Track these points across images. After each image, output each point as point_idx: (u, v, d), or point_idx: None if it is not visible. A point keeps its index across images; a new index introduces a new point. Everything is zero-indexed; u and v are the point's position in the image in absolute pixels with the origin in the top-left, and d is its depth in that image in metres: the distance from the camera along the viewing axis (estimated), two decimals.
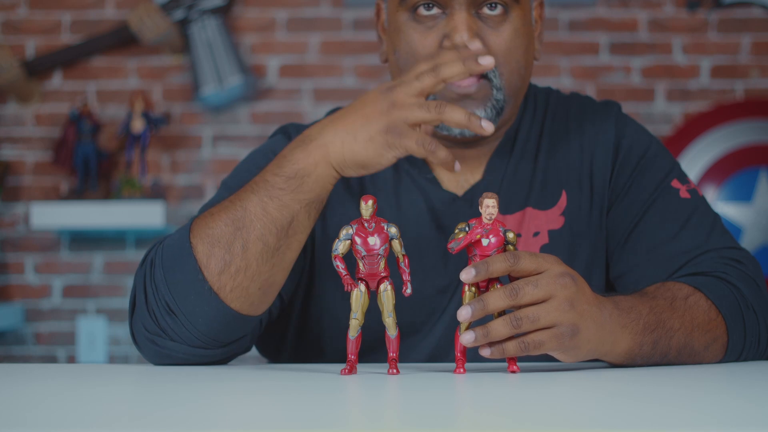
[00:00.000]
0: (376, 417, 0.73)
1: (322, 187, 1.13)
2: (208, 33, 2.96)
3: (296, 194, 1.12)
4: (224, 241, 1.11)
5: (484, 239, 1.00)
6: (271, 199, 1.11)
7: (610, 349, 1.06)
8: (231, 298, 1.11)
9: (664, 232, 1.27)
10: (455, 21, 1.21)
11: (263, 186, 1.13)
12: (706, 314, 1.15)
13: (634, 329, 1.07)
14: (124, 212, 2.81)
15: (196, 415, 0.74)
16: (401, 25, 1.25)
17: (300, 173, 1.12)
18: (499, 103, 1.25)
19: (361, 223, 1.00)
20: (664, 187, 1.30)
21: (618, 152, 1.32)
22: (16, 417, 0.72)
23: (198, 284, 1.10)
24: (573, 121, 1.35)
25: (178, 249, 1.12)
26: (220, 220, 1.12)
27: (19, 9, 3.02)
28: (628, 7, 3.03)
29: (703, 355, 1.14)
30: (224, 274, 1.10)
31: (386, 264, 1.00)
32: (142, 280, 1.14)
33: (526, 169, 1.32)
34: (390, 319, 1.00)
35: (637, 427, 0.66)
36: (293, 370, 1.11)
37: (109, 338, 2.97)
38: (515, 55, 1.24)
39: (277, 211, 1.11)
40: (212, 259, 1.10)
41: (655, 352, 1.10)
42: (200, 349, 1.13)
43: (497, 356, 0.99)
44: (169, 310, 1.11)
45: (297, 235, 1.13)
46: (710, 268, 1.21)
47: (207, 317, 1.11)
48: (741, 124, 2.99)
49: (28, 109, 3.01)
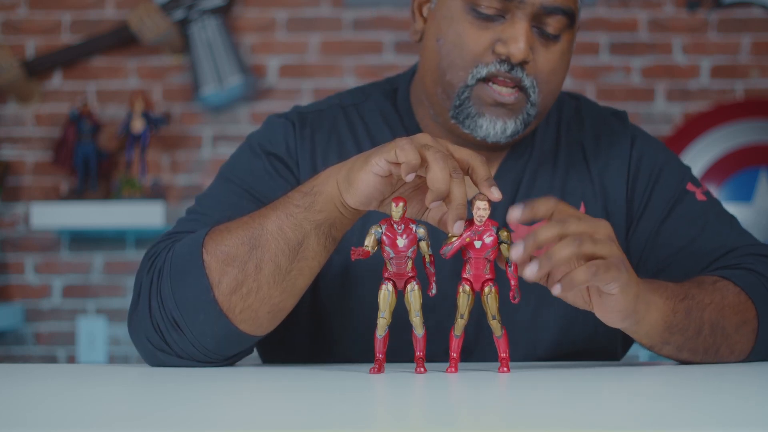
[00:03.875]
0: (405, 416, 0.73)
1: (331, 209, 1.08)
2: (208, 33, 2.96)
3: (308, 213, 1.08)
4: (239, 260, 1.08)
5: (477, 241, 1.00)
6: (287, 218, 1.08)
7: (645, 312, 1.06)
8: (240, 319, 1.09)
9: (686, 236, 1.28)
10: (516, 30, 1.19)
11: (283, 202, 1.10)
12: (735, 297, 1.16)
13: (663, 294, 1.08)
14: (124, 212, 2.81)
15: (201, 415, 0.74)
16: (455, 14, 1.23)
17: (314, 190, 1.08)
18: (530, 117, 1.24)
19: (390, 223, 0.99)
20: (680, 192, 1.31)
21: (633, 167, 1.32)
22: (16, 417, 0.72)
23: (207, 304, 1.08)
24: (589, 135, 1.34)
25: (188, 263, 1.10)
26: (237, 237, 1.09)
27: (19, 9, 3.02)
28: (628, 7, 3.02)
29: (735, 338, 1.14)
30: (235, 295, 1.08)
31: (413, 264, 1.00)
32: (148, 290, 1.12)
33: (545, 178, 1.31)
34: (417, 318, 1.00)
35: (636, 427, 0.66)
36: (317, 369, 1.11)
37: (109, 338, 2.97)
38: (557, 77, 1.25)
39: (290, 230, 1.08)
40: (224, 278, 1.08)
41: (689, 323, 1.10)
42: (203, 363, 1.13)
43: (567, 290, 0.96)
44: (176, 326, 1.09)
45: (308, 260, 1.09)
46: (736, 262, 1.23)
47: (215, 337, 1.10)
48: (741, 124, 2.99)
49: (28, 109, 3.01)
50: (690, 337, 1.11)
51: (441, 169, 0.97)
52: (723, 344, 1.14)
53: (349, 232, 1.27)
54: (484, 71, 1.21)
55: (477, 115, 1.23)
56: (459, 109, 1.24)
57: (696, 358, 1.14)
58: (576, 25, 1.26)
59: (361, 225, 1.26)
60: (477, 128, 1.24)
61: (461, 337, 1.02)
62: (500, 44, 1.21)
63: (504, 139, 1.24)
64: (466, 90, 1.23)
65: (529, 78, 1.22)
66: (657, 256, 1.29)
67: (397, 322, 1.03)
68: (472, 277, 1.01)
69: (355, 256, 0.98)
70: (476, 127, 1.24)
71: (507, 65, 1.20)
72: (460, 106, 1.23)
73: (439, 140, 1.03)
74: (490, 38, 1.21)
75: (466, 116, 1.24)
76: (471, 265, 1.00)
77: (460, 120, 1.24)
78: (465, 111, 1.23)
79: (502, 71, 1.21)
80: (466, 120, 1.24)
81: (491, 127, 1.23)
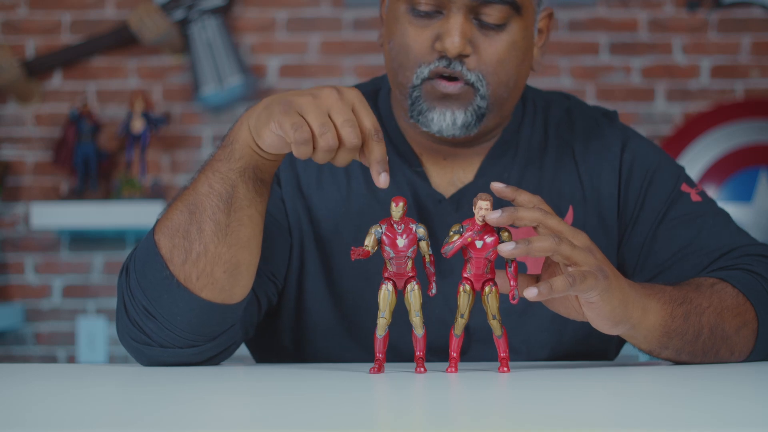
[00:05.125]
0: (405, 416, 0.73)
1: (250, 154, 1.10)
2: (208, 33, 2.96)
3: (230, 162, 1.10)
4: (182, 229, 1.10)
5: (478, 241, 1.00)
6: (213, 174, 1.10)
7: (642, 317, 1.06)
8: (199, 287, 1.09)
9: (683, 239, 1.28)
10: (450, 24, 1.20)
11: (210, 162, 1.13)
12: (734, 299, 1.15)
13: (661, 299, 1.08)
14: (124, 212, 2.81)
15: (201, 414, 0.74)
16: (399, 16, 1.24)
17: (231, 139, 1.11)
18: (481, 109, 1.23)
19: (390, 223, 0.99)
20: (675, 193, 1.31)
21: (625, 169, 1.32)
22: (16, 417, 0.72)
23: (166, 281, 1.09)
24: (579, 137, 1.33)
25: (146, 250, 1.12)
26: (177, 208, 1.11)
27: (19, 9, 3.02)
28: (628, 7, 3.02)
29: (735, 340, 1.14)
30: (187, 263, 1.09)
31: (413, 264, 1.00)
32: (122, 290, 1.14)
33: (532, 179, 1.31)
34: (417, 318, 1.00)
35: (636, 427, 0.66)
36: (317, 369, 1.11)
37: (109, 338, 2.97)
38: (506, 67, 1.23)
39: (219, 184, 1.10)
40: (174, 251, 1.10)
41: (688, 327, 1.10)
42: (189, 349, 1.12)
43: (545, 295, 0.98)
44: (148, 313, 1.10)
45: (244, 209, 1.10)
46: (734, 263, 1.22)
47: (183, 313, 1.10)
48: (741, 124, 2.99)
49: (28, 109, 3.01)
50: (689, 341, 1.11)
51: (351, 134, 1.01)
52: (722, 347, 1.14)
53: (349, 231, 1.27)
54: (426, 71, 1.22)
55: (428, 110, 1.23)
56: (413, 108, 1.25)
57: (695, 360, 1.14)
58: (530, 11, 1.25)
59: (361, 225, 1.27)
60: (430, 123, 1.24)
61: (461, 337, 1.02)
62: (438, 41, 1.21)
63: (459, 132, 1.24)
64: (414, 89, 1.23)
65: (472, 73, 1.21)
66: (654, 259, 1.29)
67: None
68: (473, 277, 1.01)
69: (355, 255, 0.98)
70: (429, 122, 1.24)
71: (446, 60, 1.21)
72: (413, 104, 1.24)
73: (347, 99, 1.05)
74: (429, 36, 1.22)
75: (419, 113, 1.24)
76: (471, 264, 1.00)
77: (415, 118, 1.25)
78: (417, 108, 1.24)
79: (440, 68, 1.21)
80: (420, 117, 1.24)
81: (442, 120, 1.23)
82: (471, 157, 1.31)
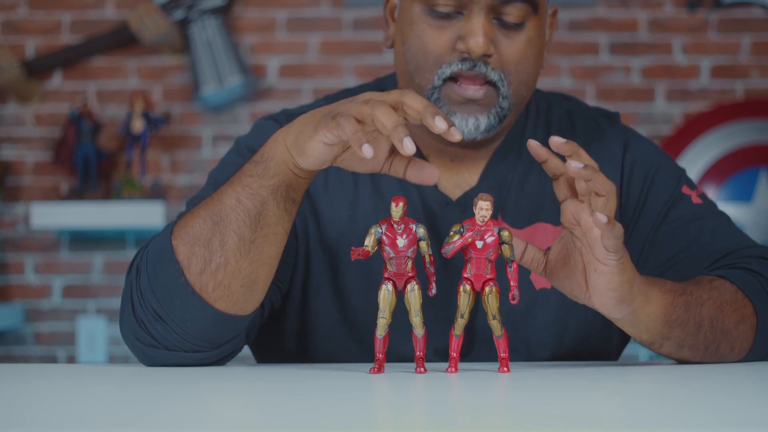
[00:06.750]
0: (405, 416, 0.73)
1: (285, 172, 1.08)
2: (208, 33, 2.96)
3: (263, 180, 1.08)
4: (203, 238, 1.09)
5: (478, 241, 1.00)
6: (243, 189, 1.09)
7: (644, 303, 1.06)
8: (214, 297, 1.09)
9: (683, 241, 1.28)
10: (472, 24, 1.19)
11: (238, 176, 1.11)
12: (732, 294, 1.16)
13: (662, 288, 1.09)
14: (124, 212, 2.81)
15: (201, 414, 0.74)
16: (415, 18, 1.23)
17: (265, 156, 1.09)
18: (503, 111, 1.23)
19: (389, 223, 0.99)
20: (676, 195, 1.31)
21: (626, 170, 1.32)
22: (16, 417, 0.72)
23: (181, 287, 1.08)
24: (579, 138, 1.33)
25: (160, 253, 1.11)
26: (200, 217, 1.10)
27: (19, 9, 3.02)
28: (628, 7, 3.02)
29: (735, 335, 1.15)
30: (205, 273, 1.08)
31: (413, 264, 1.00)
32: (130, 290, 1.13)
33: (535, 180, 1.31)
34: (417, 318, 1.00)
35: (636, 427, 0.66)
36: (317, 369, 1.11)
37: (109, 338, 2.97)
38: (526, 66, 1.23)
39: (248, 200, 1.09)
40: (193, 259, 1.09)
41: (689, 318, 1.10)
42: (194, 353, 1.12)
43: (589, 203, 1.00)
44: (157, 316, 1.10)
45: (271, 227, 1.09)
46: (733, 263, 1.23)
47: (195, 321, 1.09)
48: (741, 124, 2.99)
49: (28, 109, 3.01)
50: (690, 333, 1.11)
51: (384, 115, 0.98)
52: (723, 341, 1.14)
53: (355, 235, 1.27)
54: (448, 71, 1.21)
55: (449, 115, 1.22)
56: None
57: (697, 355, 1.14)
58: (544, 9, 1.25)
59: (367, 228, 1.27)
60: None
61: (461, 337, 1.02)
62: (460, 41, 1.20)
63: (479, 135, 1.24)
64: (434, 92, 1.22)
65: (495, 72, 1.21)
66: (654, 261, 1.29)
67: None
68: (473, 277, 1.01)
69: (354, 256, 0.98)
70: None
71: (469, 62, 1.20)
72: None
73: (377, 93, 1.03)
74: (450, 37, 1.21)
75: None
76: (472, 264, 1.00)
77: None
78: None
79: (465, 69, 1.20)
80: None
81: (464, 126, 1.23)
82: (476, 159, 1.31)
